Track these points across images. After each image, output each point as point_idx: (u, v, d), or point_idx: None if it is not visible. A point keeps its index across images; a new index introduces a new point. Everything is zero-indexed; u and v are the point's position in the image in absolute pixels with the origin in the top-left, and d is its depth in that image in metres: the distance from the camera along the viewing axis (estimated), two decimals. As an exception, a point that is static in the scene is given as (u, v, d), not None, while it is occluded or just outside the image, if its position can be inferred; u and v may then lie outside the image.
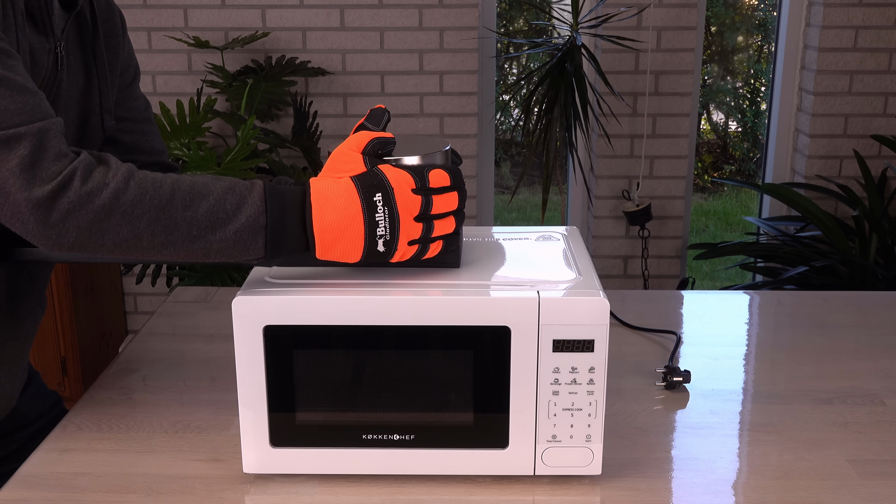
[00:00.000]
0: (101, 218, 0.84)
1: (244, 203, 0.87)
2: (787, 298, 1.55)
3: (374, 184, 0.88)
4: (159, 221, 0.85)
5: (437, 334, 0.90)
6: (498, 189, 4.92)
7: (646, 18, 2.89)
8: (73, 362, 2.72)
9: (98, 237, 0.85)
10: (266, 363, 0.91)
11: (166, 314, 1.44)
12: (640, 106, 2.98)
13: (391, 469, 0.95)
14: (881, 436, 1.07)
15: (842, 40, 2.94)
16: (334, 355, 0.91)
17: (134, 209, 0.85)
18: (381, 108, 0.95)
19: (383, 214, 0.87)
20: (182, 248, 0.87)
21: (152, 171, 0.91)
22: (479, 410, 0.93)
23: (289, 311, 0.89)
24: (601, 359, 0.91)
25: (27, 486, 0.96)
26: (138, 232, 0.85)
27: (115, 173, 0.85)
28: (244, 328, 0.90)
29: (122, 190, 0.85)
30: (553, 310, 0.89)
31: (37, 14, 0.97)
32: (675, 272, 3.14)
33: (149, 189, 0.86)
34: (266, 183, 0.89)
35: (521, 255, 1.02)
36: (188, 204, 0.86)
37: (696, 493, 0.95)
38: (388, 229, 0.88)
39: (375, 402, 0.93)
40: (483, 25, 2.98)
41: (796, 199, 2.86)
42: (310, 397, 0.92)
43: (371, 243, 0.88)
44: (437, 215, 0.90)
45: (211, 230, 0.86)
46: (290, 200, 0.88)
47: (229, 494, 0.94)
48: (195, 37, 2.72)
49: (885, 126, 3.03)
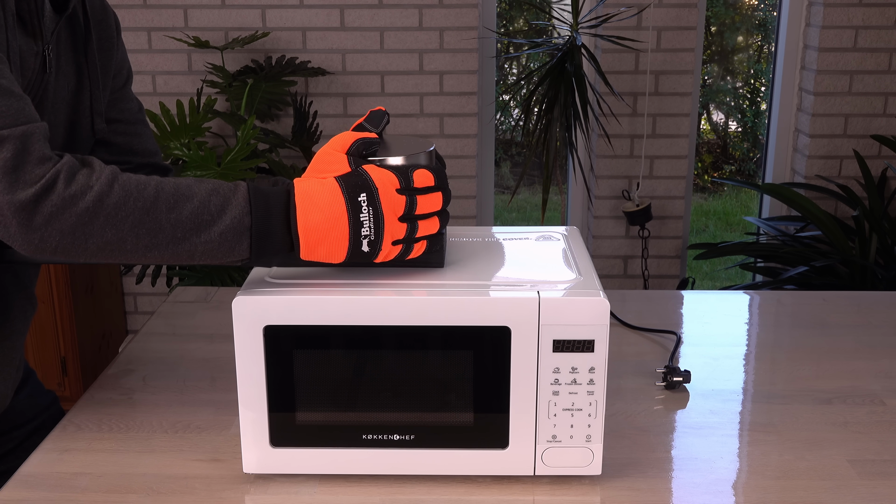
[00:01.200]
0: (84, 221, 0.84)
1: (228, 204, 0.87)
2: (787, 298, 1.55)
3: (359, 184, 0.88)
4: (143, 224, 0.85)
5: (437, 334, 0.90)
6: (498, 189, 4.92)
7: (646, 18, 2.89)
8: (73, 362, 2.72)
9: (81, 241, 0.85)
10: (266, 363, 0.91)
11: (166, 314, 1.44)
12: (640, 106, 2.98)
13: (391, 469, 0.95)
14: (881, 436, 1.07)
15: (842, 40, 2.94)
16: (334, 355, 0.91)
17: (118, 212, 0.84)
18: (381, 110, 0.95)
19: (368, 215, 0.87)
20: (167, 251, 0.87)
21: (146, 173, 0.91)
22: (479, 410, 0.93)
23: (289, 311, 0.89)
24: (601, 359, 0.91)
25: (27, 486, 0.96)
26: (122, 235, 0.85)
27: (99, 176, 0.85)
28: (244, 328, 0.90)
29: (105, 193, 0.84)
30: (553, 310, 0.89)
31: (26, 17, 0.96)
32: (675, 272, 3.14)
33: (133, 191, 0.85)
34: (250, 184, 0.89)
35: (521, 256, 1.02)
36: (172, 206, 0.86)
37: (696, 493, 0.95)
38: (372, 229, 0.88)
39: (375, 403, 0.93)
40: (483, 25, 2.98)
41: (796, 199, 2.86)
42: (310, 397, 0.92)
43: (356, 243, 0.88)
44: (421, 216, 0.89)
45: (195, 232, 0.86)
46: (275, 201, 0.88)
47: (229, 494, 0.94)
48: (195, 37, 2.72)
49: (885, 126, 3.03)
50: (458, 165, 3.01)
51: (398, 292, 0.90)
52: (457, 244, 1.06)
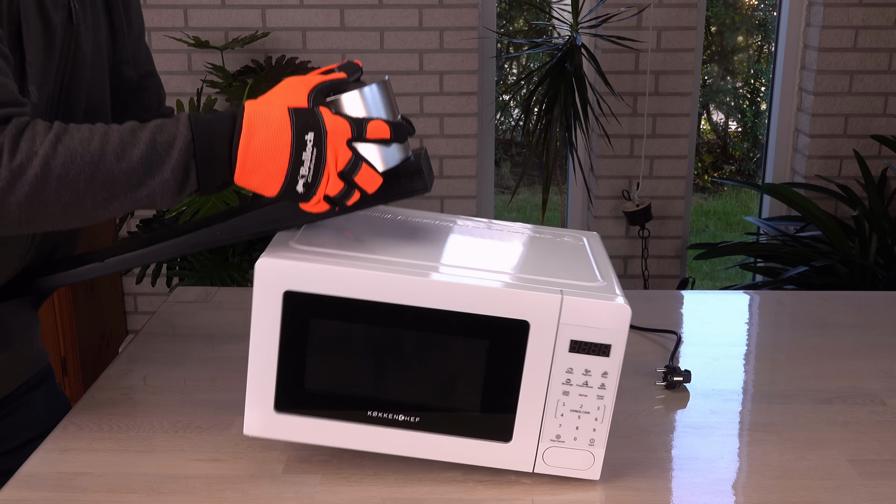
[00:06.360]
0: (37, 189, 0.82)
1: (174, 138, 0.85)
2: (787, 298, 1.55)
3: (310, 122, 0.86)
4: (96, 179, 0.84)
5: (455, 320, 0.89)
6: (498, 189, 4.92)
7: (646, 18, 2.89)
8: (73, 362, 2.72)
9: (41, 208, 0.83)
10: (282, 328, 0.90)
11: (166, 314, 1.44)
12: (640, 106, 2.98)
13: (392, 449, 0.95)
14: (881, 435, 1.07)
15: (842, 40, 2.94)
16: (350, 328, 0.90)
17: (68, 172, 0.83)
18: (356, 63, 0.94)
19: (311, 155, 0.86)
20: (126, 199, 0.85)
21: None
22: (486, 401, 0.92)
23: (311, 279, 0.88)
24: (615, 365, 0.91)
25: (27, 486, 0.96)
26: (79, 194, 0.84)
27: (43, 140, 0.83)
28: (264, 291, 0.89)
29: (50, 155, 0.83)
30: (575, 310, 0.89)
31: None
32: (675, 272, 3.14)
33: (77, 149, 0.84)
34: (192, 112, 0.88)
35: (548, 254, 1.02)
36: (121, 154, 0.84)
37: (697, 493, 0.95)
38: (311, 171, 0.86)
39: (385, 381, 0.92)
40: (483, 25, 2.98)
41: (796, 199, 2.87)
42: (320, 367, 0.92)
43: (291, 180, 0.86)
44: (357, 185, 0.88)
45: (150, 174, 0.85)
46: (219, 124, 0.86)
47: (229, 494, 0.94)
48: (195, 37, 2.72)
49: (885, 126, 3.03)
50: (458, 165, 3.01)
51: (422, 273, 0.89)
52: (486, 234, 1.06)
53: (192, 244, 0.98)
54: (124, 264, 0.99)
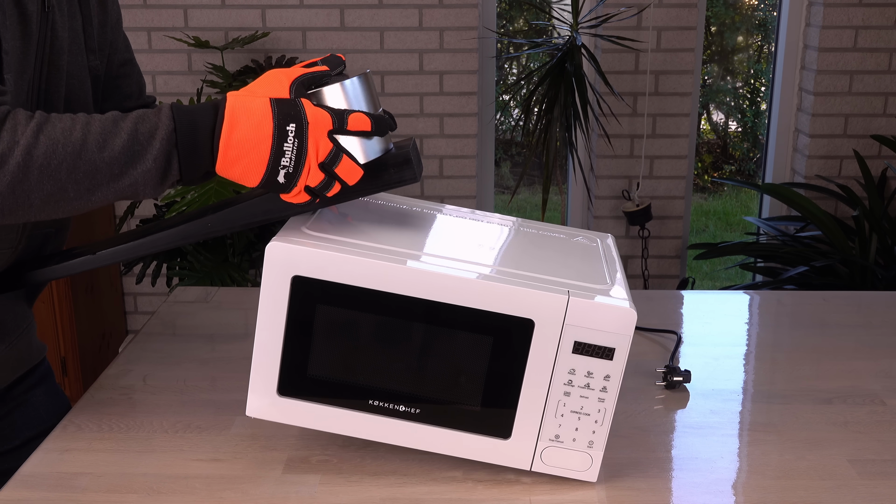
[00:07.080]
0: (19, 179, 0.83)
1: (156, 128, 0.86)
2: (787, 298, 1.55)
3: (292, 114, 0.86)
4: (78, 168, 0.84)
5: (461, 315, 0.89)
6: (498, 189, 4.92)
7: (646, 18, 2.89)
8: (73, 362, 2.72)
9: (24, 198, 0.84)
10: (288, 312, 0.90)
11: (166, 314, 1.44)
12: (640, 106, 2.98)
13: (390, 438, 0.95)
14: (881, 436, 1.07)
15: (842, 40, 2.94)
16: (357, 317, 0.90)
17: (49, 162, 0.83)
18: (339, 56, 0.94)
19: (292, 146, 0.86)
20: (109, 190, 0.86)
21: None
22: (487, 397, 0.92)
23: (320, 265, 0.89)
24: (618, 369, 0.91)
25: (27, 486, 0.96)
26: (61, 184, 0.84)
27: (24, 129, 0.83)
28: (273, 274, 0.89)
29: (32, 145, 0.83)
30: (580, 312, 0.89)
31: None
32: (675, 272, 3.14)
33: (59, 138, 0.84)
34: (174, 104, 0.88)
35: (558, 253, 1.02)
36: (103, 144, 0.84)
37: (697, 493, 0.95)
38: (293, 162, 0.86)
39: (387, 371, 0.92)
40: (483, 25, 2.98)
41: (796, 199, 2.87)
42: (324, 353, 0.92)
43: (273, 171, 0.87)
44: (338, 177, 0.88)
45: (132, 164, 0.85)
46: (201, 115, 0.87)
47: (229, 494, 0.94)
48: (195, 37, 2.72)
49: (885, 126, 3.03)
50: (458, 165, 3.01)
51: (431, 266, 0.89)
52: (498, 231, 1.06)
53: (183, 236, 0.98)
54: (116, 257, 0.99)
